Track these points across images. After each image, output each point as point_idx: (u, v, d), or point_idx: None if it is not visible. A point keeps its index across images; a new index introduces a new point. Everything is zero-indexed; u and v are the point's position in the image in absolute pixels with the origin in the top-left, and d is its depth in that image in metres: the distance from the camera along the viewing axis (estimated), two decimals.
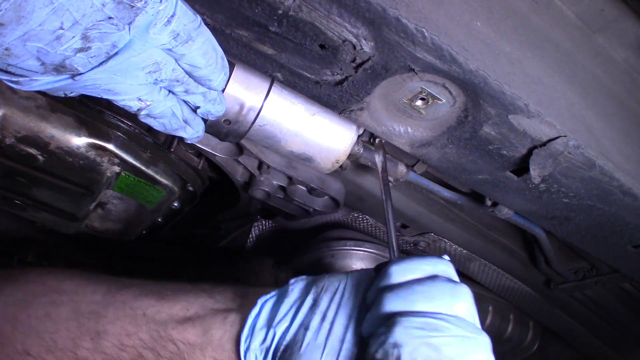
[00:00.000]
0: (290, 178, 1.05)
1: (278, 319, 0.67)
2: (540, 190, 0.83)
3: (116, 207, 1.09)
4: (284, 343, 0.65)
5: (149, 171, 0.99)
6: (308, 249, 1.37)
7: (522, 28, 0.75)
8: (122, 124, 0.95)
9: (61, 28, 0.47)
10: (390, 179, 0.98)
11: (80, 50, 0.50)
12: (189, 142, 0.74)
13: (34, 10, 0.45)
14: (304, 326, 0.65)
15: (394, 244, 0.74)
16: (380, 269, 0.66)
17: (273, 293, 0.72)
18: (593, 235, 0.95)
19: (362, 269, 0.73)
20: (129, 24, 0.50)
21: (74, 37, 0.48)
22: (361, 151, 0.91)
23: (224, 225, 1.36)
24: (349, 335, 0.63)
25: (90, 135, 0.90)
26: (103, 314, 0.70)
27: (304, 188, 1.09)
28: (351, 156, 0.90)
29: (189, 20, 0.54)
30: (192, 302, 0.74)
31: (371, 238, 1.39)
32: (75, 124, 0.89)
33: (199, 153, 1.07)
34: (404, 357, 0.53)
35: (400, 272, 0.62)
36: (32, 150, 0.87)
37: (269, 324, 0.67)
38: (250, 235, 1.53)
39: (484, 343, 0.56)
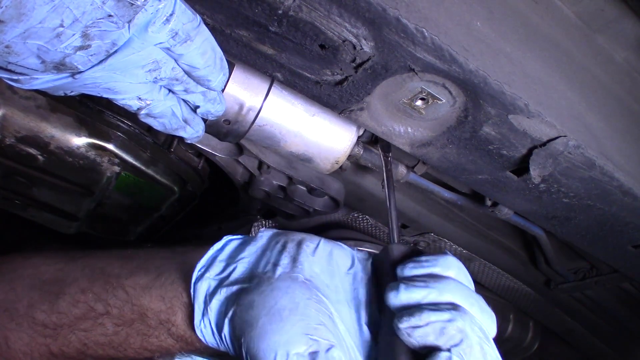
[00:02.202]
0: (290, 178, 1.05)
1: (243, 255, 0.65)
2: (540, 190, 0.83)
3: (116, 207, 1.09)
4: (247, 274, 0.62)
5: (149, 171, 0.99)
6: None
7: (522, 28, 0.75)
8: (122, 124, 0.95)
9: (61, 26, 0.47)
10: None
11: (80, 48, 0.50)
12: (188, 142, 0.74)
13: (35, 7, 0.45)
14: (274, 263, 0.63)
15: (395, 228, 0.73)
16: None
17: (240, 236, 0.71)
18: (593, 235, 0.95)
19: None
20: (129, 22, 0.50)
21: (74, 34, 0.49)
22: (361, 152, 0.90)
23: (224, 225, 1.36)
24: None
25: (90, 135, 0.90)
26: (63, 278, 0.71)
27: (304, 188, 1.09)
28: (351, 157, 0.90)
29: (188, 19, 0.54)
30: (151, 255, 0.73)
31: (371, 238, 1.39)
32: (75, 124, 0.89)
33: (199, 153, 1.07)
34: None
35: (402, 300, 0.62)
36: (32, 150, 0.87)
37: (231, 259, 0.66)
38: (250, 235, 1.52)
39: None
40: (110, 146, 0.92)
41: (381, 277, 0.65)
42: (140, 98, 0.60)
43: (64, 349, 0.67)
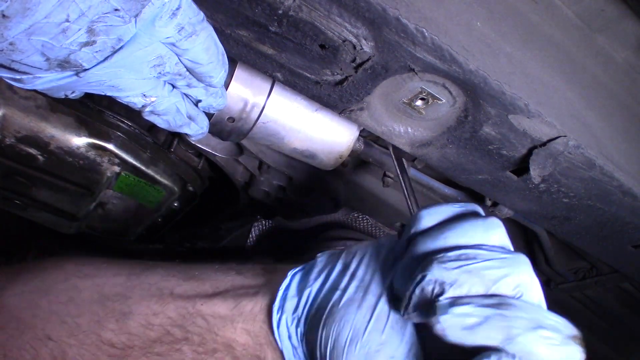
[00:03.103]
0: (290, 178, 1.05)
1: (307, 285, 0.65)
2: (540, 190, 0.83)
3: (116, 207, 1.09)
4: (315, 307, 0.62)
5: (149, 171, 0.99)
6: (308, 248, 1.37)
7: (522, 28, 0.75)
8: (122, 124, 0.95)
9: (67, 20, 0.46)
10: (391, 175, 0.98)
11: (86, 44, 0.49)
12: (193, 139, 0.73)
13: (41, 1, 0.44)
14: (334, 287, 0.62)
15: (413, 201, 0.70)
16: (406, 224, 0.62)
17: (302, 266, 0.70)
18: (593, 235, 0.95)
19: (388, 235, 0.70)
20: (136, 16, 0.49)
21: (79, 29, 0.47)
22: (362, 147, 0.91)
23: (224, 225, 1.36)
24: (381, 290, 0.59)
25: (90, 135, 0.90)
26: (128, 295, 0.67)
27: (304, 188, 1.09)
28: (353, 152, 0.90)
29: (194, 13, 0.53)
30: (221, 280, 0.71)
31: (371, 238, 1.39)
32: (75, 124, 0.89)
33: (199, 153, 1.07)
34: (448, 291, 0.48)
35: (430, 216, 0.58)
36: (32, 150, 0.87)
37: (300, 293, 0.65)
38: (250, 235, 1.53)
39: (524, 260, 0.52)
40: (110, 146, 0.92)
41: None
42: (144, 95, 0.59)
43: None
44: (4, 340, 0.61)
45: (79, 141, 0.89)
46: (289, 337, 0.63)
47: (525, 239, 1.37)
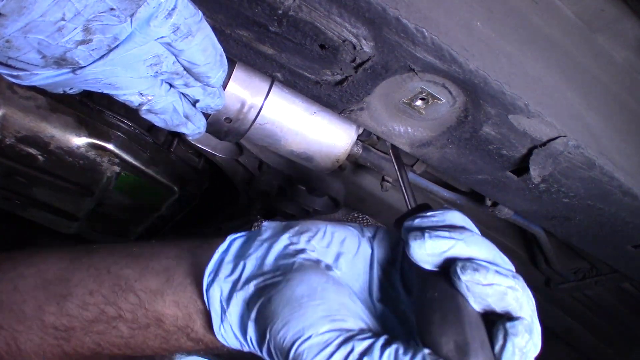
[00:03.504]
0: (290, 178, 1.05)
1: (249, 252, 0.64)
2: (540, 190, 0.83)
3: (116, 207, 1.09)
4: (261, 272, 0.61)
5: (149, 171, 0.99)
6: None
7: (522, 28, 0.75)
8: (122, 124, 0.95)
9: (63, 19, 0.47)
10: (389, 179, 0.98)
11: (82, 42, 0.50)
12: (190, 138, 0.73)
13: (37, 0, 0.44)
14: (284, 255, 0.62)
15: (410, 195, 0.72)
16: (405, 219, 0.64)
17: (243, 233, 0.69)
18: (593, 235, 0.95)
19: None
20: (131, 15, 0.49)
21: (75, 28, 0.48)
22: (360, 151, 0.91)
23: (224, 225, 1.36)
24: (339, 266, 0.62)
25: (90, 135, 0.90)
26: (69, 277, 0.69)
27: (304, 188, 1.09)
28: (350, 156, 0.90)
29: (190, 14, 0.54)
30: (156, 254, 0.71)
31: None
32: (75, 124, 0.89)
33: (199, 153, 1.07)
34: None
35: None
36: (32, 150, 0.87)
37: (238, 259, 0.64)
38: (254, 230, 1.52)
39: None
40: (110, 146, 0.92)
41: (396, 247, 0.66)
42: (141, 93, 0.60)
43: (78, 349, 0.66)
44: None
45: (79, 141, 0.89)
46: (221, 300, 0.62)
47: (524, 240, 1.37)
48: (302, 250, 0.63)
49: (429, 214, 0.61)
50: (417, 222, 0.60)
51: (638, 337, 1.51)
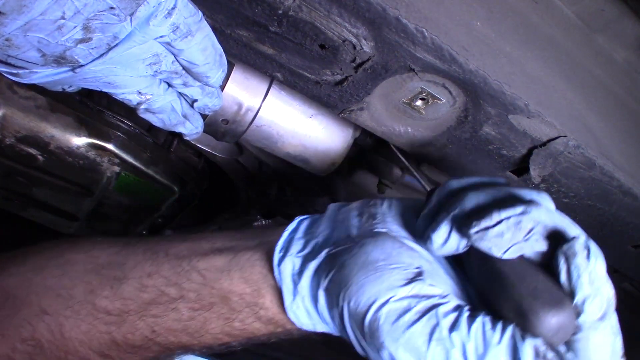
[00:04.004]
0: (290, 178, 1.06)
1: (320, 230, 0.62)
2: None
3: (116, 207, 1.09)
4: (331, 244, 0.59)
5: (149, 171, 0.99)
6: None
7: (522, 28, 0.75)
8: (122, 124, 0.95)
9: (63, 18, 0.47)
10: (386, 182, 0.99)
11: (81, 41, 0.50)
12: (187, 138, 0.74)
13: None
14: (355, 226, 0.60)
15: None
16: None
17: (310, 215, 0.67)
18: (593, 235, 0.93)
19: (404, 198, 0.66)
20: (131, 15, 0.49)
21: (75, 27, 0.48)
22: (357, 154, 0.91)
23: (223, 225, 1.36)
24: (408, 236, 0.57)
25: (90, 135, 0.90)
26: (123, 262, 0.65)
27: (304, 188, 1.09)
28: (347, 159, 0.91)
29: (190, 13, 0.54)
30: (217, 237, 0.69)
31: None
32: (75, 124, 0.89)
33: (199, 153, 1.07)
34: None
35: (458, 183, 0.58)
36: (32, 150, 0.87)
37: (308, 236, 0.62)
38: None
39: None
40: (110, 146, 0.92)
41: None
42: (140, 92, 0.60)
43: (129, 337, 0.62)
44: (0, 320, 0.60)
45: (79, 141, 0.89)
46: (292, 275, 0.59)
47: None
48: (373, 219, 0.60)
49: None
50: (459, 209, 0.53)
51: (638, 337, 1.51)
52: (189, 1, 0.54)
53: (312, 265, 0.58)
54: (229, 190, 1.18)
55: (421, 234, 0.56)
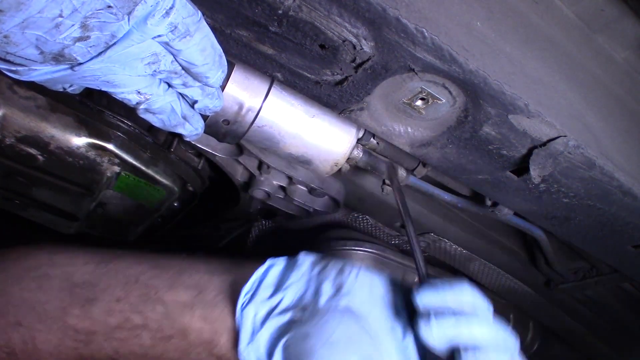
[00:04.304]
0: (290, 178, 1.05)
1: (289, 283, 0.66)
2: (540, 190, 0.83)
3: (116, 207, 1.09)
4: (300, 305, 0.63)
5: (149, 171, 0.99)
6: (308, 249, 1.37)
7: (522, 28, 0.75)
8: (122, 124, 0.94)
9: (60, 16, 0.47)
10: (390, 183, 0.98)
11: (80, 39, 0.50)
12: (187, 139, 0.74)
13: None
14: (322, 292, 0.65)
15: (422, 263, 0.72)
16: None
17: (282, 258, 0.71)
18: (593, 235, 0.95)
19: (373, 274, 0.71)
20: (129, 13, 0.50)
21: (73, 25, 0.48)
22: (360, 155, 0.90)
23: (224, 225, 1.36)
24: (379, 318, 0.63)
25: (90, 135, 0.90)
26: (95, 282, 0.70)
27: (304, 188, 1.09)
28: (350, 160, 0.90)
29: (188, 13, 0.54)
30: (187, 268, 0.73)
31: (371, 238, 1.39)
32: (75, 124, 0.89)
33: (199, 153, 1.07)
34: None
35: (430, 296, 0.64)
36: (32, 150, 0.87)
37: (279, 285, 0.66)
38: (250, 235, 1.53)
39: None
40: (110, 146, 0.92)
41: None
42: (139, 92, 0.60)
43: (95, 355, 0.67)
44: None
45: (79, 141, 0.89)
46: (254, 321, 0.63)
47: (524, 240, 1.37)
48: (339, 290, 0.65)
49: (439, 290, 0.62)
50: (426, 302, 0.61)
51: (638, 337, 1.51)
52: (187, 1, 0.54)
53: (275, 322, 0.62)
54: (229, 190, 1.18)
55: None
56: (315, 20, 0.60)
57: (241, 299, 0.65)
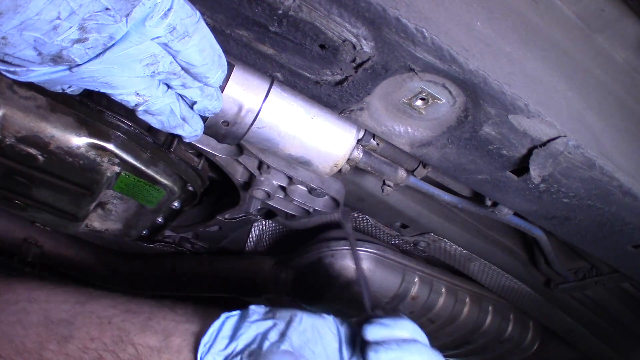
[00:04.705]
0: (290, 178, 1.05)
1: (240, 333, 0.74)
2: (540, 190, 0.83)
3: (116, 207, 1.09)
4: (246, 351, 0.71)
5: (149, 171, 0.99)
6: (308, 249, 1.37)
7: (522, 28, 0.75)
8: (122, 124, 0.94)
9: (58, 18, 0.47)
10: (390, 183, 0.99)
11: (78, 41, 0.50)
12: (187, 140, 0.74)
13: None
14: (267, 339, 0.74)
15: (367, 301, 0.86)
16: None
17: (236, 312, 0.79)
18: (593, 235, 0.95)
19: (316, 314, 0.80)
20: (126, 15, 0.50)
21: (70, 27, 0.48)
22: (360, 156, 0.90)
23: (224, 226, 1.36)
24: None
25: (90, 135, 0.90)
26: (72, 320, 0.76)
27: (304, 188, 1.09)
28: (350, 161, 0.90)
29: (187, 15, 0.54)
30: (155, 313, 0.81)
31: (371, 238, 1.39)
32: (75, 124, 0.89)
33: (199, 153, 1.07)
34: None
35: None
36: (32, 150, 0.87)
37: (232, 337, 0.74)
38: (250, 235, 1.53)
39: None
40: (110, 146, 0.92)
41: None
42: (138, 94, 0.60)
43: None
44: None
45: (79, 141, 0.89)
46: None
47: (524, 240, 1.37)
48: (282, 336, 0.73)
49: (384, 324, 0.73)
50: (374, 335, 0.72)
51: (638, 337, 1.51)
52: (186, 2, 0.54)
53: None
54: (229, 190, 1.18)
55: None
56: (315, 20, 0.60)
57: (201, 349, 0.72)
